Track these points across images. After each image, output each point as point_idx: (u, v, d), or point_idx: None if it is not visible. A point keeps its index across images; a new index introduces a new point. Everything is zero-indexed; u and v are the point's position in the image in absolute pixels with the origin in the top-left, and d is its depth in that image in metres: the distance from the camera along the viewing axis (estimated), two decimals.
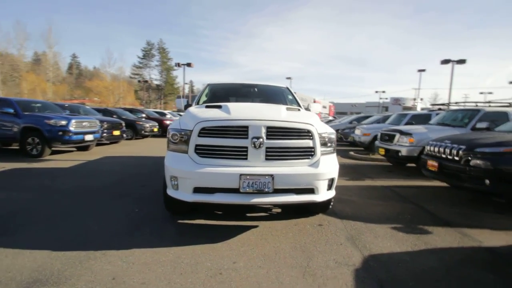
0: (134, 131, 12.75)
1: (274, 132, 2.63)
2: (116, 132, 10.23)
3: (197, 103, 4.10)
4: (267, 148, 2.61)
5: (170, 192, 2.76)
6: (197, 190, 2.60)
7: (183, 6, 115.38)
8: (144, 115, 15.49)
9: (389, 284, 2.06)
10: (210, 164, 2.61)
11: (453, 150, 4.08)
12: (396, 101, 48.96)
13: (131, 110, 15.63)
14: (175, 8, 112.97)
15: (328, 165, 2.79)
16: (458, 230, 3.11)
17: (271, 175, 2.53)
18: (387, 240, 2.81)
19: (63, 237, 2.66)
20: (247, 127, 2.58)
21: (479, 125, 5.80)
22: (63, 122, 7.25)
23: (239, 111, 2.78)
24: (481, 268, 2.33)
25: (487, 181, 3.62)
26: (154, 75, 60.64)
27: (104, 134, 9.36)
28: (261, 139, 2.57)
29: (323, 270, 2.21)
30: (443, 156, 4.28)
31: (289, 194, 2.62)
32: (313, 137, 2.73)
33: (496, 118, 6.05)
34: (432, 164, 4.47)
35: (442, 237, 2.92)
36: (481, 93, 41.11)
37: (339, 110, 54.72)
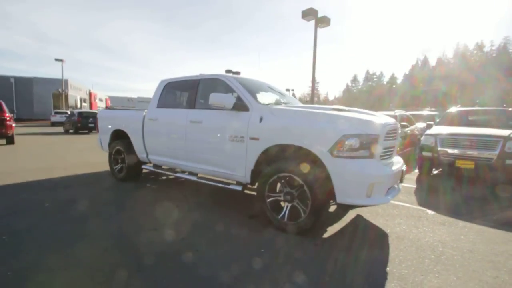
0: None
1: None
2: None
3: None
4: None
5: (363, 201, 2.52)
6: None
7: None
8: None
9: None
10: (385, 165, 2.78)
11: None
12: None
13: None
14: None
15: None
16: None
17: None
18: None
19: None
20: (396, 129, 3.04)
21: None
22: None
23: (379, 115, 3.03)
24: None
25: None
26: None
27: None
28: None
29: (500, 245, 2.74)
30: None
31: None
32: None
33: None
34: None
35: None
36: (287, 89, 46.83)
37: (116, 104, 47.56)
